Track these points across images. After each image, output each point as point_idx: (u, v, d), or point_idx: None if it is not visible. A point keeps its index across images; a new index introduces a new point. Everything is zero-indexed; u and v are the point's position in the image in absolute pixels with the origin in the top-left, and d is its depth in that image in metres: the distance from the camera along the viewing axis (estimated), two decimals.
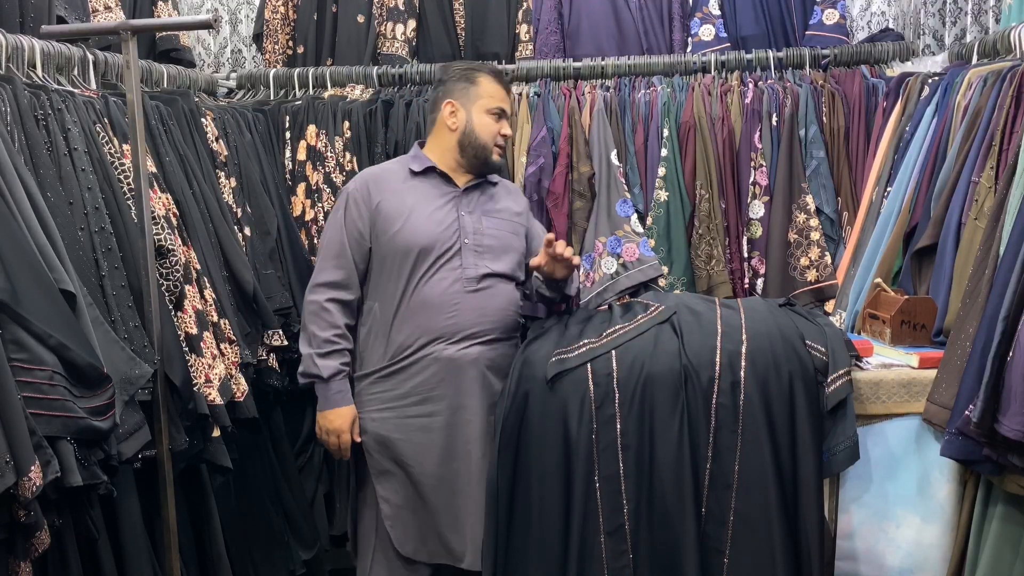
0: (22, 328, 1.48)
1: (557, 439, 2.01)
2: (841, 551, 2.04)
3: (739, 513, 1.96)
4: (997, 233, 1.89)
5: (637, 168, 2.85)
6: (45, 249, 1.60)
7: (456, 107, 2.25)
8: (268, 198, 2.68)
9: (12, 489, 1.40)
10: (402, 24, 3.06)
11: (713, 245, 2.78)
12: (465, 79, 2.26)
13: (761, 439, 1.95)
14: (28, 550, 1.52)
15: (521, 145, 2.88)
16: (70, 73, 2.12)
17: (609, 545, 1.99)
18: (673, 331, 2.07)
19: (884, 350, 2.16)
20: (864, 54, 2.90)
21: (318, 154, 2.86)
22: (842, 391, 1.95)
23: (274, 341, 2.50)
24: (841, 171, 2.83)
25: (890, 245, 2.38)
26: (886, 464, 2.01)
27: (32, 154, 1.78)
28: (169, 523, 1.97)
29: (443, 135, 2.27)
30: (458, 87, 2.26)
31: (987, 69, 2.23)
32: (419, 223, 2.20)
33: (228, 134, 2.63)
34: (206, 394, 2.05)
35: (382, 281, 2.21)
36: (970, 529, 1.91)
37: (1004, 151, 2.01)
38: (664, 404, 1.98)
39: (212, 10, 3.40)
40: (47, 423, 1.49)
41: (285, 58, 3.20)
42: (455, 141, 2.25)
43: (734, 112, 2.85)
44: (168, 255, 2.03)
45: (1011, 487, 1.75)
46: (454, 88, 2.26)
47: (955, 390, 1.82)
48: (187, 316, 2.07)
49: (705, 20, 3.02)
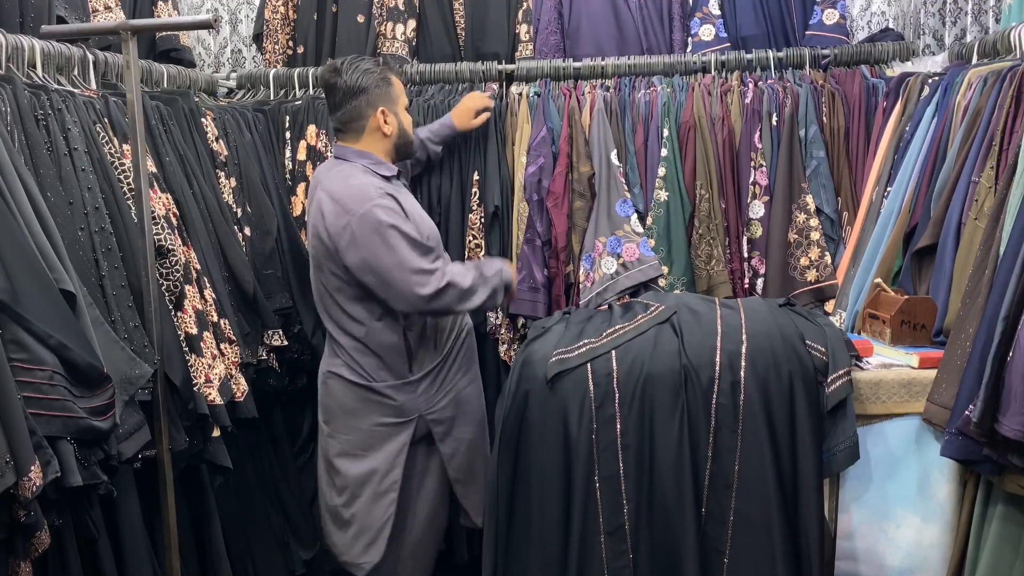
0: (22, 328, 1.48)
1: (557, 439, 2.01)
2: (841, 551, 2.04)
3: (739, 513, 1.96)
4: (997, 233, 1.89)
5: (637, 168, 2.85)
6: (45, 249, 1.60)
7: (387, 112, 2.30)
8: (268, 198, 2.68)
9: (12, 489, 1.40)
10: (402, 24, 3.06)
11: (713, 245, 2.78)
12: (384, 83, 2.30)
13: (761, 439, 1.95)
14: (28, 550, 1.52)
15: (521, 145, 2.88)
16: (70, 73, 2.12)
17: (609, 545, 1.99)
18: (673, 331, 2.07)
19: (884, 350, 2.16)
20: (864, 54, 2.90)
21: (318, 154, 2.86)
22: (842, 391, 1.95)
23: (274, 341, 2.50)
24: (841, 171, 2.83)
25: (890, 245, 2.38)
26: (886, 464, 2.01)
27: (32, 154, 1.78)
28: (169, 523, 1.98)
29: (377, 140, 2.31)
30: (381, 92, 2.29)
31: (987, 69, 2.23)
32: (426, 219, 2.35)
33: (228, 134, 2.63)
34: (206, 394, 2.05)
35: None
36: (970, 529, 1.91)
37: (1004, 151, 2.00)
38: (664, 404, 1.98)
39: (212, 10, 3.40)
40: (47, 423, 1.49)
41: (285, 58, 3.20)
42: (391, 144, 2.34)
43: (734, 112, 2.85)
44: (168, 255, 2.03)
45: (1011, 487, 1.75)
46: (379, 94, 2.29)
47: (955, 390, 1.82)
48: (187, 316, 2.07)
49: (705, 20, 3.02)
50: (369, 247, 2.14)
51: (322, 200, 2.22)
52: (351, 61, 2.29)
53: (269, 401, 2.65)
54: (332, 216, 2.18)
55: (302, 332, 2.70)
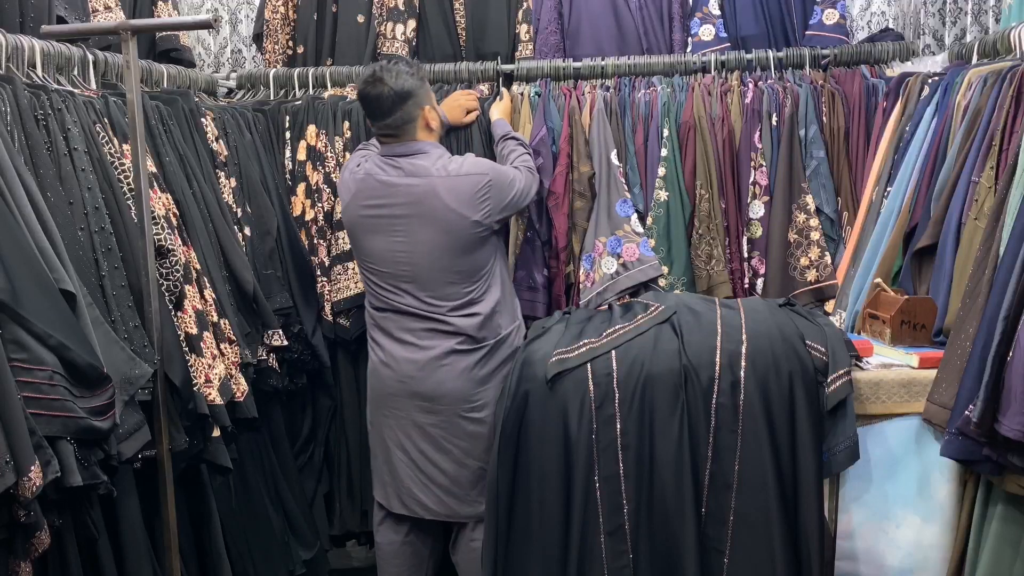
0: (22, 328, 1.48)
1: (557, 439, 2.01)
2: (841, 551, 2.04)
3: (739, 513, 1.96)
4: (997, 233, 1.89)
5: (637, 168, 2.85)
6: (45, 249, 1.60)
7: (431, 109, 2.45)
8: (268, 198, 2.67)
9: (12, 489, 1.40)
10: (402, 24, 3.06)
11: (713, 245, 2.78)
12: (423, 82, 2.44)
13: (761, 439, 1.95)
14: (28, 550, 1.52)
15: None
16: (70, 73, 2.12)
17: (609, 545, 1.99)
18: (673, 331, 2.07)
19: (884, 350, 2.16)
20: (864, 54, 2.90)
21: (318, 154, 2.86)
22: (842, 391, 1.95)
23: (274, 341, 2.50)
24: (841, 171, 2.82)
25: (890, 245, 2.38)
26: (886, 464, 2.01)
27: (32, 154, 1.78)
28: (169, 523, 1.97)
29: (426, 136, 2.46)
30: (424, 91, 2.44)
31: (987, 69, 2.23)
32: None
33: (228, 134, 2.63)
34: (206, 394, 2.05)
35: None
36: (970, 529, 1.91)
37: (1004, 151, 2.00)
38: (664, 404, 1.98)
39: (212, 10, 3.40)
40: (47, 423, 1.49)
41: (285, 58, 3.20)
42: (437, 138, 2.50)
43: (734, 112, 2.85)
44: (168, 255, 2.03)
45: (1011, 487, 1.74)
46: (422, 94, 2.43)
47: (955, 390, 1.82)
48: (187, 316, 2.07)
49: (705, 20, 3.02)
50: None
51: (439, 185, 2.36)
52: (387, 68, 2.38)
53: (269, 401, 2.65)
54: (471, 185, 2.36)
55: (302, 332, 2.70)
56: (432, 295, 2.37)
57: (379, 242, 2.40)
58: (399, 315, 2.41)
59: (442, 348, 2.37)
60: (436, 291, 2.37)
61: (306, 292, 2.74)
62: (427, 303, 2.37)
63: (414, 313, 2.39)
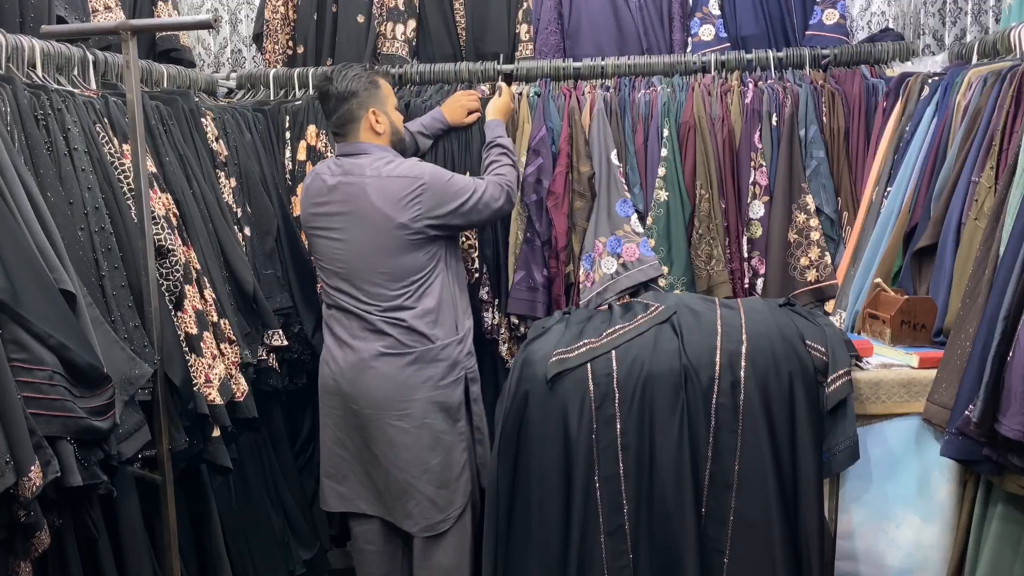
0: (22, 328, 1.48)
1: (557, 439, 2.01)
2: (841, 551, 2.04)
3: (739, 513, 1.96)
4: (997, 233, 1.89)
5: (637, 168, 2.85)
6: (45, 249, 1.60)
7: (378, 112, 2.44)
8: (268, 198, 2.68)
9: (12, 489, 1.40)
10: (402, 24, 3.06)
11: (713, 245, 2.78)
12: (372, 85, 2.45)
13: (761, 439, 1.95)
14: (28, 550, 1.52)
15: (521, 145, 2.88)
16: (70, 73, 2.12)
17: (609, 545, 1.99)
18: (673, 331, 2.07)
19: (884, 350, 2.16)
20: (864, 54, 2.90)
21: (318, 154, 2.86)
22: (842, 391, 1.95)
23: (274, 341, 2.50)
24: (841, 171, 2.82)
25: (890, 245, 2.38)
26: (886, 464, 2.01)
27: (32, 154, 1.78)
28: (169, 523, 1.97)
29: (372, 139, 2.45)
30: (370, 95, 2.44)
31: (987, 69, 2.23)
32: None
33: (228, 134, 2.63)
34: (206, 394, 2.05)
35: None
36: (970, 529, 1.91)
37: (1004, 151, 2.00)
38: (664, 404, 1.98)
39: (212, 10, 3.40)
40: (47, 423, 1.49)
41: (285, 58, 3.20)
42: (387, 142, 2.48)
43: (734, 112, 2.85)
44: (168, 255, 2.03)
45: (1011, 487, 1.75)
46: (368, 96, 2.43)
47: (955, 390, 1.82)
48: (187, 316, 2.07)
49: (705, 20, 3.02)
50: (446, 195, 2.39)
51: (369, 184, 2.36)
52: (339, 69, 2.45)
53: (269, 401, 2.65)
54: (400, 187, 2.35)
55: (302, 332, 2.70)
56: (365, 294, 2.40)
57: (322, 240, 2.44)
58: (341, 312, 2.45)
59: (371, 350, 2.38)
60: (367, 290, 2.39)
61: (306, 292, 2.74)
62: (362, 301, 2.40)
63: (351, 311, 2.42)
